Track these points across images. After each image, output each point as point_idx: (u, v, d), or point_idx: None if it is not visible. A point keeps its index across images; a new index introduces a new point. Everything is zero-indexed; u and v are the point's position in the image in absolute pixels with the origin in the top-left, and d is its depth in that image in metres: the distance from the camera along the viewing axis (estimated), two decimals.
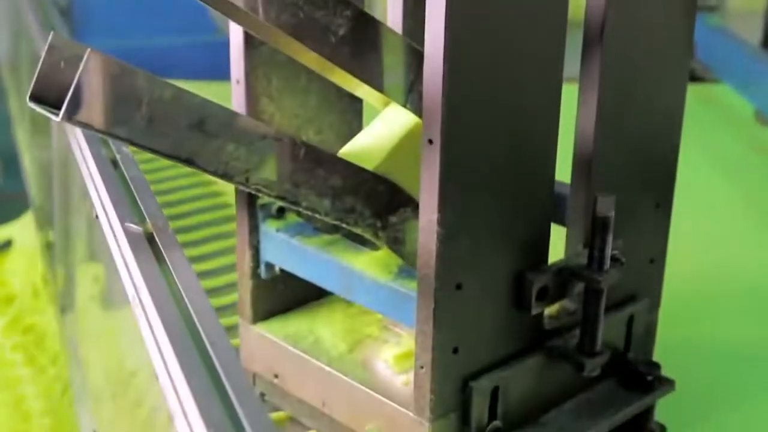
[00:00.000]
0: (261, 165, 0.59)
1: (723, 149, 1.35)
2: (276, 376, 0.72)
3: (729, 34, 1.72)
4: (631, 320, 0.72)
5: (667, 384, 0.72)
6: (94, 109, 0.52)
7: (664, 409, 0.74)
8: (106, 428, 0.83)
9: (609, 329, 0.69)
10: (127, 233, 0.62)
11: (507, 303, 0.63)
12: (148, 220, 0.63)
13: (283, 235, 0.69)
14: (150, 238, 0.62)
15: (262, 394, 0.74)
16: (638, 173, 0.69)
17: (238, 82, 0.68)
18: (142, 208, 0.65)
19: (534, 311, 0.63)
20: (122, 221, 0.63)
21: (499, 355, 0.64)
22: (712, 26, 1.74)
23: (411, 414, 0.62)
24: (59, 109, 0.52)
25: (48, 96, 0.55)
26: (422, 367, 0.60)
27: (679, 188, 0.71)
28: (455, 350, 0.61)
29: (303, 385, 0.70)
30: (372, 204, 0.64)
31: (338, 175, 0.63)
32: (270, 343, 0.72)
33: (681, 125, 0.71)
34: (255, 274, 0.72)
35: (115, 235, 0.64)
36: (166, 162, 0.61)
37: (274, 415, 0.76)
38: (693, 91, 1.54)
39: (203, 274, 0.99)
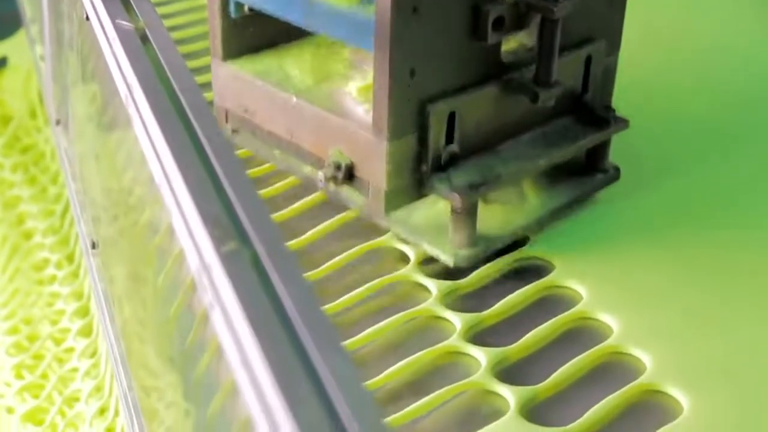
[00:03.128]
0: None
1: None
2: (246, 111, 0.75)
3: None
4: (588, 61, 0.74)
5: (621, 122, 0.75)
6: None
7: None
8: (104, 239, 0.85)
9: (567, 69, 0.72)
10: (119, 30, 0.62)
11: (464, 32, 0.65)
12: (140, 18, 0.62)
13: None
14: (143, 37, 0.62)
15: (234, 130, 0.77)
16: None
17: None
18: (135, 6, 0.64)
19: (491, 41, 0.66)
20: (113, 19, 0.63)
21: (457, 83, 0.67)
22: None
23: (371, 135, 0.66)
24: None
25: None
26: (380, 88, 0.63)
27: None
28: (412, 72, 0.63)
29: (272, 117, 0.74)
30: None
31: None
32: (240, 80, 0.75)
33: None
34: (225, 14, 0.74)
35: (105, 34, 0.63)
36: None
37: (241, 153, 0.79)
38: None
39: (187, 56, 0.99)
